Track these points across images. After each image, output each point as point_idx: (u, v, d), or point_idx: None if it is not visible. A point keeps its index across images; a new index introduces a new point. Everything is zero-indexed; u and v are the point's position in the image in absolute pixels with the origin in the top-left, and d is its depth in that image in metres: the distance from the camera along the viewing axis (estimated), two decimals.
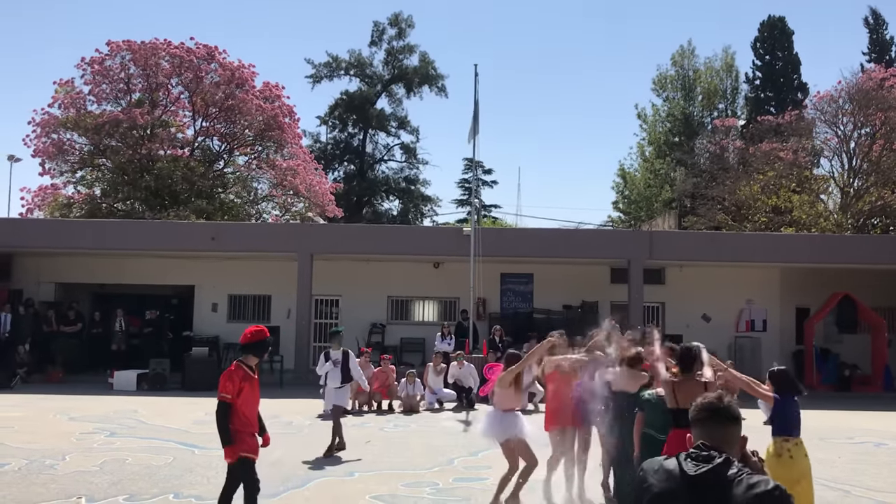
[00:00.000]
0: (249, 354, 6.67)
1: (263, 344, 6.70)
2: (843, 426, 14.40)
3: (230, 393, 6.41)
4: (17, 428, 12.29)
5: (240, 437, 6.46)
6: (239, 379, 6.49)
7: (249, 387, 6.56)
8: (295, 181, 29.79)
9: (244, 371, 6.58)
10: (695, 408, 2.93)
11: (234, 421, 6.43)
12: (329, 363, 11.25)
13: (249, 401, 6.56)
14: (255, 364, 6.73)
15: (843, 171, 30.51)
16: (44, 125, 27.61)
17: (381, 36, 48.37)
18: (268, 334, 6.80)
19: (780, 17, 42.18)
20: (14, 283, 22.12)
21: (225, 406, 6.41)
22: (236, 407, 6.44)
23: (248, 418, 6.53)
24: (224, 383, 6.44)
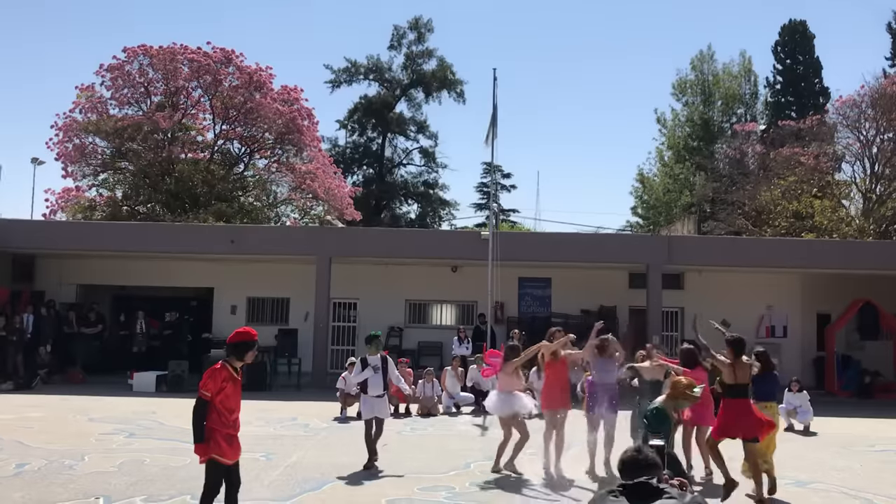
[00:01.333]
0: (233, 355, 6.59)
1: (244, 345, 6.59)
2: (865, 434, 14.22)
3: (210, 391, 6.33)
4: (37, 428, 12.40)
5: (214, 436, 6.34)
6: (221, 379, 6.41)
7: (232, 387, 6.47)
8: (314, 185, 29.89)
9: (228, 371, 6.48)
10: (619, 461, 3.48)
11: (212, 419, 6.35)
12: (368, 370, 10.31)
13: (231, 401, 6.45)
14: (239, 366, 6.62)
15: (865, 176, 30.23)
16: (66, 129, 27.90)
17: (401, 40, 48.46)
18: (253, 337, 6.70)
19: (801, 21, 41.92)
20: (36, 285, 22.35)
21: (203, 403, 6.33)
22: (215, 405, 6.35)
23: (226, 418, 6.41)
24: (206, 381, 6.37)
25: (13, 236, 20.54)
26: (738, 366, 8.71)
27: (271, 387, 18.57)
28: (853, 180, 30.97)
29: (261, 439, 11.78)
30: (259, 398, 16.72)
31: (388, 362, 10.43)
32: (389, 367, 10.41)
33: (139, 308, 21.80)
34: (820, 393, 19.76)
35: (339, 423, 13.93)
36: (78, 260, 22.57)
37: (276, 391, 18.16)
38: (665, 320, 21.37)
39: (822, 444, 13.10)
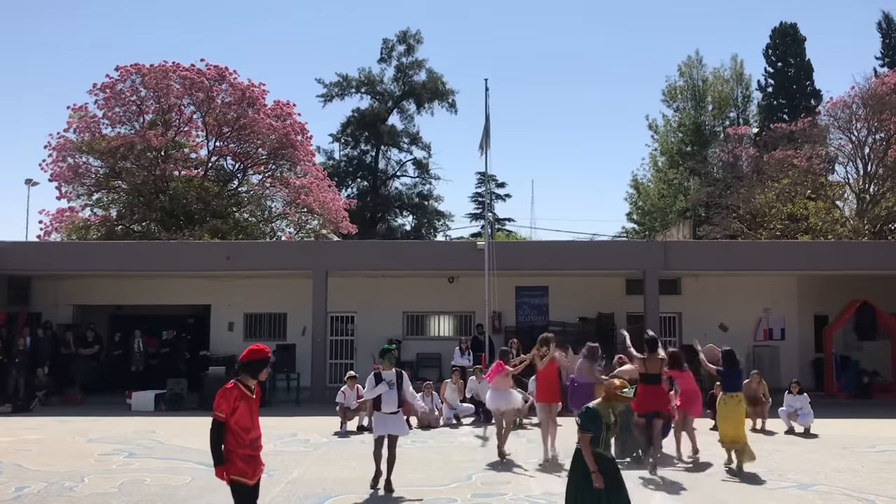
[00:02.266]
0: (246, 374, 6.48)
1: (258, 363, 6.49)
2: (866, 435, 14.21)
3: (224, 411, 6.22)
4: (36, 451, 12.33)
5: (231, 457, 6.22)
6: (233, 398, 6.30)
7: (246, 406, 6.36)
8: (308, 199, 29.92)
9: (240, 390, 6.37)
10: None
11: (228, 440, 6.24)
12: (382, 385, 9.73)
13: (245, 420, 6.34)
14: (253, 384, 6.52)
15: (858, 176, 30.33)
16: (59, 149, 27.91)
17: (391, 52, 48.64)
18: (266, 354, 6.59)
19: (791, 23, 42.15)
20: (33, 306, 22.29)
21: (218, 425, 6.22)
22: (230, 426, 6.24)
23: (242, 438, 6.30)
24: (219, 401, 6.27)
25: (8, 258, 20.47)
26: (649, 360, 11.27)
27: (270, 402, 18.51)
28: (846, 181, 31.08)
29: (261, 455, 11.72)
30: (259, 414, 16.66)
31: (403, 377, 9.90)
32: (404, 382, 9.89)
33: (136, 327, 21.72)
34: (819, 395, 19.76)
35: (339, 438, 13.89)
36: (74, 280, 22.51)
37: (276, 407, 18.11)
38: (663, 326, 21.36)
39: (823, 445, 13.10)
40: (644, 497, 9.20)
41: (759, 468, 10.89)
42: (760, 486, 9.86)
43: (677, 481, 10.02)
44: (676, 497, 9.24)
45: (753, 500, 9.16)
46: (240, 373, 6.51)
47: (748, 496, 9.32)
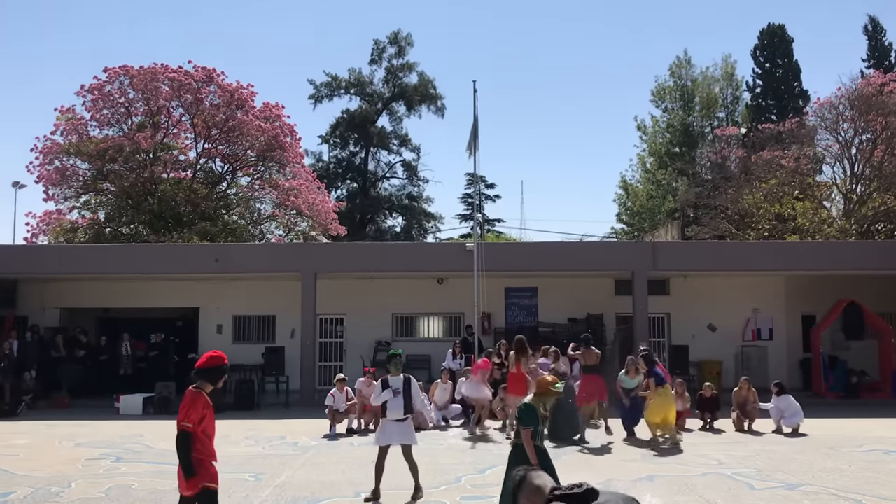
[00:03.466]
0: (206, 382, 6.33)
1: (218, 370, 6.37)
2: (853, 435, 14.28)
3: (192, 421, 6.11)
4: (23, 455, 12.24)
5: (203, 466, 6.13)
6: (202, 406, 6.19)
7: (209, 414, 6.27)
8: (297, 201, 29.86)
9: (205, 398, 6.25)
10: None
11: (197, 449, 6.13)
12: (388, 391, 9.39)
13: (210, 429, 6.26)
14: (209, 391, 6.36)
15: (845, 177, 30.50)
16: (47, 152, 27.76)
17: (381, 54, 48.64)
18: (225, 361, 6.45)
19: (779, 24, 42.32)
20: (19, 310, 22.16)
21: (187, 436, 6.08)
22: (197, 435, 6.12)
23: (208, 446, 6.23)
24: (187, 411, 6.13)
25: None
26: (587, 354, 14.21)
27: (259, 406, 18.47)
28: (833, 181, 31.25)
29: (249, 459, 11.70)
30: (247, 417, 16.63)
31: (410, 384, 9.50)
32: (413, 389, 9.50)
33: (124, 330, 21.63)
34: (807, 394, 19.86)
35: (328, 441, 13.86)
36: (61, 283, 22.40)
37: (264, 410, 18.05)
38: (652, 326, 21.42)
39: (811, 445, 13.15)
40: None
41: (747, 468, 10.93)
42: (748, 486, 9.89)
43: (666, 480, 10.04)
44: (664, 496, 9.25)
45: (741, 500, 9.19)
46: (197, 380, 6.33)
47: (736, 496, 9.35)
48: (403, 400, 9.35)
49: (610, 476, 10.36)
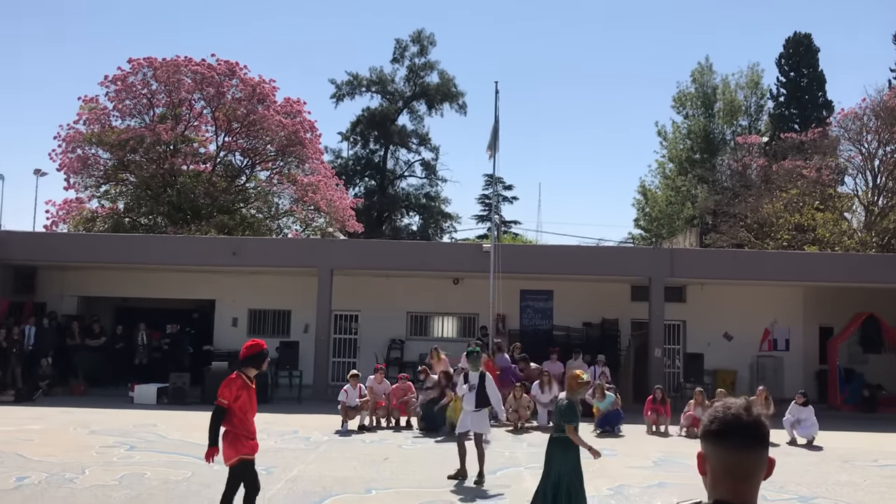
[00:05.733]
0: (249, 367, 7.11)
1: (261, 355, 7.14)
2: (869, 448, 14.15)
3: (227, 398, 6.87)
4: (38, 441, 12.36)
5: (239, 440, 6.90)
6: (237, 387, 6.94)
7: (247, 395, 7.01)
8: (316, 197, 29.92)
9: (243, 380, 7.01)
10: (711, 418, 2.21)
11: (234, 425, 6.89)
12: (466, 386, 10.45)
13: (247, 407, 7.00)
14: (253, 375, 7.15)
15: (867, 188, 30.22)
16: (69, 140, 27.96)
17: (404, 53, 48.62)
18: (264, 346, 7.23)
19: (806, 33, 41.90)
20: (38, 297, 22.35)
21: (221, 410, 6.87)
22: (234, 412, 6.89)
23: (245, 422, 6.96)
24: (222, 390, 6.92)
25: (15, 248, 20.55)
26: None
27: (272, 399, 18.51)
28: (855, 193, 30.96)
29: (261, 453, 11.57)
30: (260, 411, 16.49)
31: (485, 380, 10.34)
32: (487, 385, 10.33)
33: (141, 320, 21.77)
34: (822, 407, 19.70)
35: (340, 437, 13.88)
36: (79, 272, 22.57)
37: (277, 404, 18.12)
38: (667, 333, 21.31)
39: (826, 458, 13.04)
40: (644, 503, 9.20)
41: None
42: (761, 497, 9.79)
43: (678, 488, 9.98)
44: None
45: None
46: (242, 366, 7.11)
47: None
48: (476, 394, 10.20)
49: (622, 482, 10.32)
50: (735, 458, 2.14)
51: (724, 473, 2.15)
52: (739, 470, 2.14)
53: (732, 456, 2.14)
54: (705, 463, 2.19)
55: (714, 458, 2.17)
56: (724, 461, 2.15)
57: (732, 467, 2.14)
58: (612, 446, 13.65)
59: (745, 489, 2.14)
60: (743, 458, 2.14)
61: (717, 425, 2.17)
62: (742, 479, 2.14)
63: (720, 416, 2.18)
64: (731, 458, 2.14)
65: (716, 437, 2.16)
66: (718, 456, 2.16)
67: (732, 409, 2.17)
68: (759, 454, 2.16)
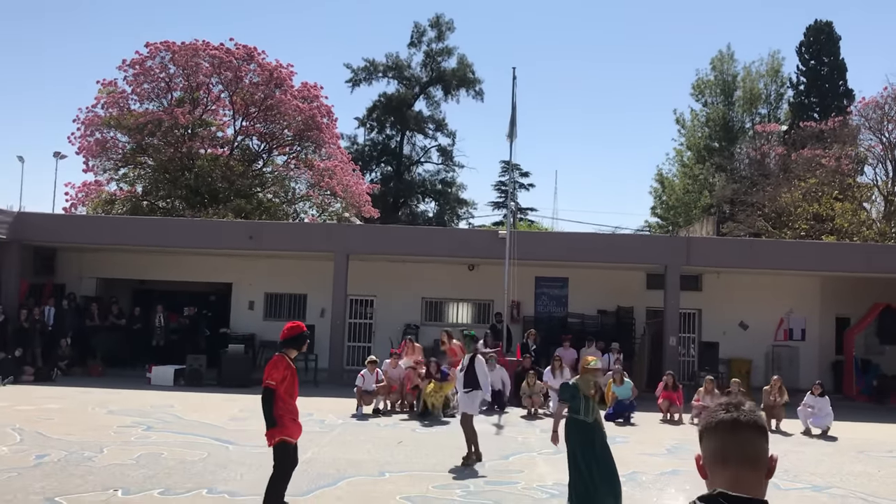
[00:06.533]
0: (290, 348, 7.26)
1: (302, 337, 7.34)
2: (883, 439, 14.11)
3: (275, 380, 6.98)
4: (57, 420, 12.53)
5: (282, 421, 6.97)
6: (283, 368, 7.06)
7: (291, 376, 7.13)
8: (332, 182, 29.99)
9: (287, 362, 7.14)
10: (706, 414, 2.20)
11: (279, 406, 6.96)
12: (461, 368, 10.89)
13: (291, 389, 7.11)
14: (293, 356, 7.28)
15: (887, 179, 29.94)
16: (88, 123, 28.14)
17: (421, 38, 48.47)
18: (304, 328, 7.41)
19: (827, 21, 41.38)
20: (57, 278, 22.57)
21: (270, 392, 6.96)
22: (280, 393, 6.98)
23: (289, 404, 7.08)
24: (270, 371, 7.02)
25: (35, 230, 20.74)
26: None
27: None
28: (875, 183, 30.68)
29: None
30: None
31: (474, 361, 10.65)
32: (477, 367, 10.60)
33: (158, 302, 21.95)
34: (838, 397, 19.60)
35: (356, 420, 13.99)
36: (98, 254, 22.77)
37: None
38: (683, 322, 21.27)
39: (840, 448, 13.01)
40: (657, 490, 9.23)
41: None
42: (774, 486, 9.81)
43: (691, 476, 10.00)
44: (688, 491, 9.22)
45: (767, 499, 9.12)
46: (284, 347, 7.26)
47: None
48: (465, 375, 10.54)
49: (635, 469, 10.35)
50: (732, 442, 2.09)
51: (723, 461, 2.08)
52: (740, 455, 2.07)
53: (730, 441, 2.09)
54: (704, 463, 2.15)
55: (712, 449, 2.12)
56: (722, 448, 2.09)
57: (730, 453, 2.08)
58: (625, 433, 13.73)
59: (748, 477, 2.06)
60: (741, 443, 2.09)
61: (709, 418, 2.16)
62: (743, 465, 2.06)
63: (713, 410, 2.18)
64: (729, 444, 2.09)
65: (712, 428, 2.13)
66: (716, 445, 2.11)
67: (723, 402, 2.17)
68: (758, 440, 2.11)
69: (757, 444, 2.10)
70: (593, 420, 7.79)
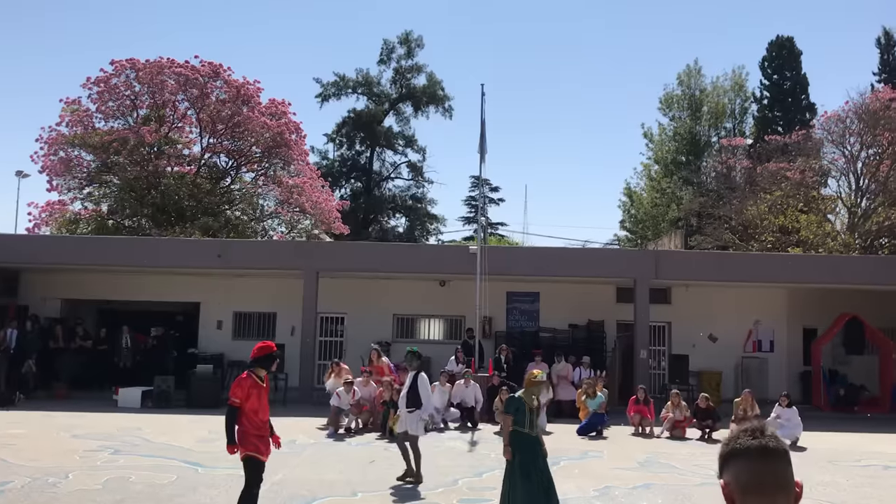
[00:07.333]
0: (260, 367, 7.40)
1: (271, 357, 7.45)
2: (851, 449, 14.25)
3: (238, 398, 7.15)
4: (20, 445, 12.23)
5: (248, 438, 7.14)
6: (248, 386, 7.21)
7: (257, 394, 7.26)
8: (301, 198, 29.83)
9: (253, 380, 7.29)
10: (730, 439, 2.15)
11: (243, 423, 7.14)
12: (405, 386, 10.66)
13: (257, 406, 7.23)
14: (264, 375, 7.44)
15: (850, 191, 30.48)
16: (52, 142, 27.73)
17: (391, 54, 48.54)
18: (274, 348, 7.51)
19: (788, 37, 42.17)
20: (20, 299, 22.16)
21: (233, 410, 7.14)
22: (245, 411, 7.14)
23: (254, 421, 7.20)
24: (234, 389, 7.23)
25: None
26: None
27: None
28: (839, 195, 31.20)
29: None
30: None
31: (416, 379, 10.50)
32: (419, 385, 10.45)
33: (124, 323, 21.61)
34: (806, 408, 19.81)
35: (327, 440, 13.85)
36: (62, 274, 22.39)
37: None
38: (652, 335, 21.39)
39: (809, 459, 13.12)
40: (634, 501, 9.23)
41: None
42: None
43: (663, 490, 10.01)
44: None
45: None
46: (253, 366, 7.39)
47: None
48: (408, 394, 10.35)
49: (608, 484, 10.34)
50: (766, 471, 2.06)
51: (759, 490, 2.04)
52: (774, 483, 2.05)
53: (763, 469, 2.06)
54: (731, 490, 2.08)
55: (742, 475, 2.06)
56: (758, 477, 2.05)
57: (767, 482, 2.04)
58: (598, 447, 13.74)
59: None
60: (769, 470, 2.06)
61: (734, 445, 2.11)
62: (779, 493, 2.04)
63: (736, 436, 2.13)
64: (764, 472, 2.06)
65: (737, 455, 2.09)
66: (749, 473, 2.06)
67: (748, 429, 2.12)
68: (784, 467, 2.07)
69: (788, 471, 2.08)
70: (536, 434, 7.94)
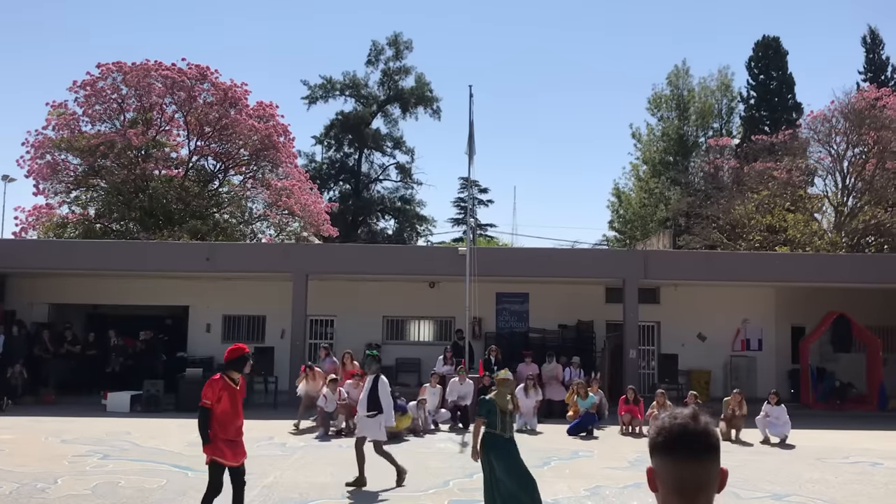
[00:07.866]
0: (232, 370, 7.37)
1: (243, 359, 7.43)
2: (839, 446, 14.33)
3: (210, 399, 7.13)
4: (9, 451, 12.15)
5: (215, 441, 7.11)
6: (219, 388, 7.18)
7: (228, 396, 7.21)
8: (290, 201, 29.78)
9: (225, 382, 7.25)
10: (658, 430, 2.09)
11: (213, 426, 7.10)
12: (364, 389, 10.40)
13: (227, 409, 7.18)
14: (238, 377, 7.39)
15: (836, 189, 30.67)
16: (38, 146, 27.59)
17: (379, 56, 48.54)
18: (246, 350, 7.51)
19: (774, 37, 42.40)
20: (7, 304, 22.02)
21: (205, 411, 7.12)
22: (216, 414, 7.11)
23: (224, 425, 7.16)
24: (205, 390, 7.19)
25: None
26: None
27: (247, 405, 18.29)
28: (825, 194, 31.40)
29: None
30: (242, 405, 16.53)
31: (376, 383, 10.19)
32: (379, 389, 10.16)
33: (113, 327, 21.49)
34: (795, 406, 19.91)
35: (317, 442, 13.81)
36: (50, 279, 22.27)
37: (252, 410, 17.83)
38: (641, 335, 21.45)
39: (798, 456, 13.19)
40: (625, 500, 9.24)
41: (733, 478, 10.94)
42: (735, 496, 9.90)
43: None
44: None
45: None
46: (226, 368, 7.36)
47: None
48: (368, 398, 10.15)
49: (599, 483, 10.37)
50: (686, 470, 2.01)
51: (675, 488, 2.02)
52: (691, 483, 2.01)
53: (683, 469, 2.01)
54: (656, 478, 2.06)
55: (664, 472, 2.04)
56: (674, 475, 2.02)
57: (684, 481, 2.01)
58: (588, 447, 13.77)
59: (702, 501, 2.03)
60: (694, 470, 2.01)
61: (663, 437, 2.04)
62: (695, 494, 2.01)
63: (667, 426, 2.06)
64: (682, 471, 2.01)
65: (664, 449, 2.04)
66: (668, 470, 2.03)
67: (679, 419, 2.05)
68: (711, 465, 2.04)
69: (712, 469, 2.04)
70: (510, 436, 7.92)
